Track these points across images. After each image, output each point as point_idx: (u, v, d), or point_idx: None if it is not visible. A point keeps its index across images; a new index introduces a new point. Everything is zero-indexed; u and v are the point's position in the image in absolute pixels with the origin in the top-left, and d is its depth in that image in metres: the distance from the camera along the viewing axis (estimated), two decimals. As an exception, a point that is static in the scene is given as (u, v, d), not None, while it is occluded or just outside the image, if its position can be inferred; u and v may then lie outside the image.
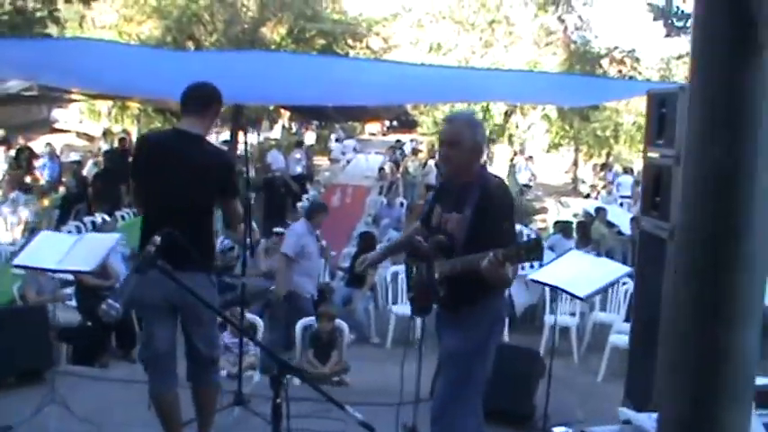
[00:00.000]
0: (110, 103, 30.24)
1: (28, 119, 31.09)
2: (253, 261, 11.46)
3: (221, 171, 5.28)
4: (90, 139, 33.41)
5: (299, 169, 24.58)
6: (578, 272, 6.20)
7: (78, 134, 35.54)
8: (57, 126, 35.54)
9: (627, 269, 6.67)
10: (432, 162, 27.21)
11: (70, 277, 9.26)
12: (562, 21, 25.77)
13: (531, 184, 27.68)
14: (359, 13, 29.94)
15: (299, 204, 19.79)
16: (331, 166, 33.51)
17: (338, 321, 8.84)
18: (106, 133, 29.50)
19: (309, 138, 37.80)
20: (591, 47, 25.52)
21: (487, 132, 29.59)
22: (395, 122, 49.96)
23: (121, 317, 3.34)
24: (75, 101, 29.54)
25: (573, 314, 11.13)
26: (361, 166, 29.65)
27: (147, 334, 5.40)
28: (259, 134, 32.59)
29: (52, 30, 24.05)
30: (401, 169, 26.50)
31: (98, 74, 11.11)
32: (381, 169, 25.71)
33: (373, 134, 50.08)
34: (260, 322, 8.71)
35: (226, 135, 24.11)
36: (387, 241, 15.18)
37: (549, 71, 22.30)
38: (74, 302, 9.78)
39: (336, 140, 40.20)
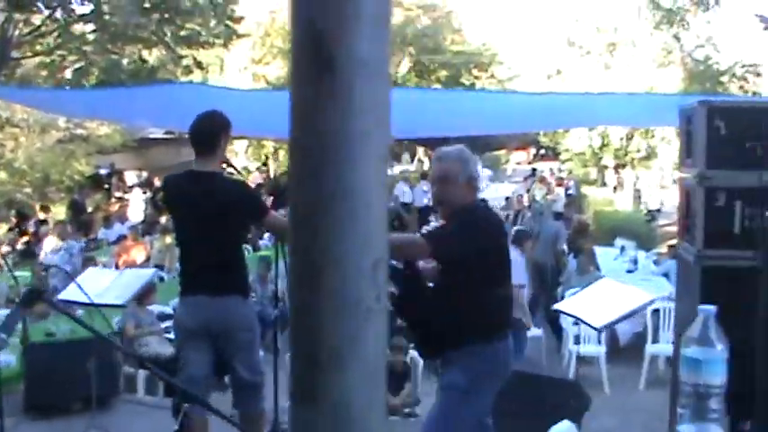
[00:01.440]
0: (245, 142, 31.47)
1: (172, 161, 32.43)
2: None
3: (241, 200, 5.33)
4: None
5: (425, 200, 24.63)
6: (603, 300, 6.04)
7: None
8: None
9: (650, 297, 6.44)
10: (558, 190, 26.93)
11: (168, 311, 9.63)
12: (678, 39, 25.03)
13: (661, 209, 26.86)
14: (482, 43, 30.09)
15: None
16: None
17: (413, 353, 8.82)
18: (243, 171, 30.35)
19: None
20: (712, 64, 24.67)
21: (610, 158, 29.20)
22: (542, 151, 49.58)
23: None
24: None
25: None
26: (489, 196, 29.43)
27: (183, 358, 5.43)
28: (392, 167, 33.06)
29: (197, 75, 25.35)
30: (529, 197, 26.24)
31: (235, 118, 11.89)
32: (508, 198, 25.52)
33: (519, 163, 49.82)
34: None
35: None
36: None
37: (666, 92, 21.70)
38: (171, 335, 10.14)
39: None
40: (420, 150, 38.60)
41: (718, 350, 2.30)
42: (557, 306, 6.70)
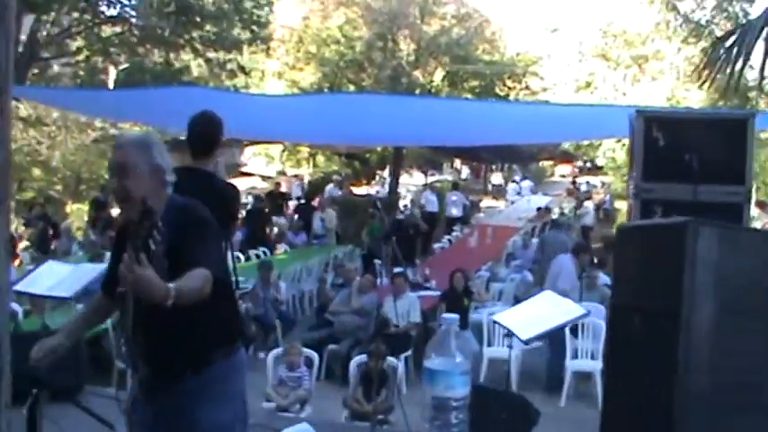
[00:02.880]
0: (280, 147, 31.90)
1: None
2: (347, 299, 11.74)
3: (235, 200, 5.56)
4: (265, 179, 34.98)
5: (454, 211, 24.55)
6: (538, 313, 6.02)
7: (263, 177, 37.23)
8: (243, 170, 37.41)
9: (581, 312, 6.36)
10: (588, 203, 26.73)
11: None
12: (706, 53, 24.56)
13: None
14: (515, 53, 30.08)
15: (436, 245, 19.97)
16: (502, 207, 33.45)
17: (391, 360, 8.62)
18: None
19: (496, 179, 38.23)
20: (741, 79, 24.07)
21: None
22: (587, 164, 49.22)
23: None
24: (250, 144, 31.35)
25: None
26: (521, 208, 29.39)
27: None
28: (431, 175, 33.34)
29: (240, 80, 25.71)
30: (557, 210, 26.13)
31: (267, 124, 12.23)
32: (539, 209, 25.42)
33: (563, 176, 49.49)
34: (315, 357, 8.71)
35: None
36: (510, 282, 15.08)
37: (691, 107, 21.44)
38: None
39: (513, 181, 40.20)
40: (457, 161, 38.70)
41: (457, 362, 2.29)
42: (497, 317, 6.65)
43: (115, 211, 19.92)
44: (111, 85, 22.76)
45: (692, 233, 2.65)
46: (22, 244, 16.41)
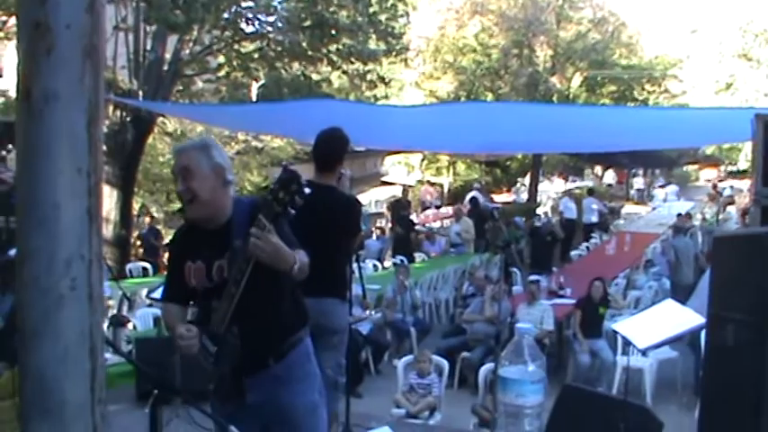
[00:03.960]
0: (419, 155, 32.15)
1: (361, 173, 33.38)
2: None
3: (344, 214, 5.66)
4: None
5: (593, 218, 24.27)
6: (657, 322, 5.94)
7: (404, 186, 37.57)
8: (385, 179, 37.85)
9: (699, 321, 6.21)
10: (731, 208, 25.86)
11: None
12: None
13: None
14: (654, 56, 29.43)
15: (573, 253, 19.77)
16: (643, 214, 32.73)
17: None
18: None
19: (638, 184, 37.72)
20: None
21: None
22: (733, 168, 47.65)
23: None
24: (390, 154, 31.72)
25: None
26: (662, 214, 28.60)
27: None
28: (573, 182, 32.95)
29: (380, 90, 26.15)
30: (699, 216, 25.35)
31: (405, 134, 12.56)
32: (680, 215, 24.77)
33: (708, 180, 48.02)
34: (445, 365, 8.78)
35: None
36: (648, 289, 14.80)
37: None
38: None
39: (659, 186, 39.42)
40: (598, 167, 38.10)
41: (530, 371, 2.36)
42: (616, 325, 6.60)
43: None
44: (253, 99, 23.53)
45: (779, 242, 2.64)
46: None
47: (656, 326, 5.81)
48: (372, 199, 32.07)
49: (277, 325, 3.76)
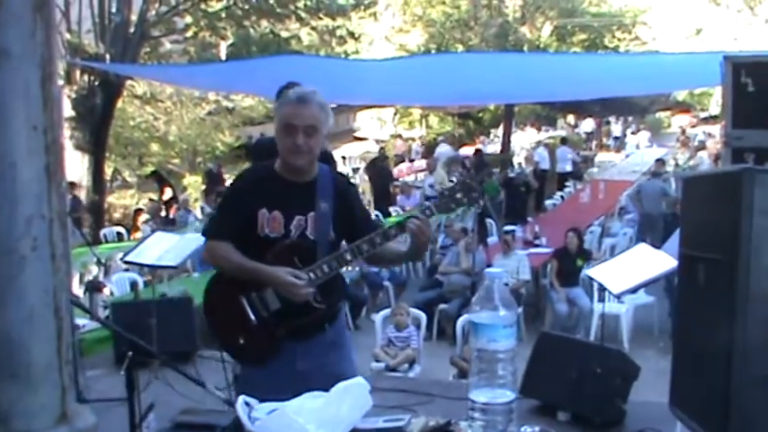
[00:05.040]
0: (392, 110, 32.05)
1: (334, 129, 33.31)
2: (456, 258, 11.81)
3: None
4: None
5: (567, 167, 24.38)
6: (630, 266, 5.94)
7: (377, 141, 37.45)
8: (357, 134, 37.75)
9: (673, 264, 6.22)
10: (702, 153, 25.99)
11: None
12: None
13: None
14: (624, 4, 29.42)
15: (548, 202, 19.85)
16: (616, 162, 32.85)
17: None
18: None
19: (616, 131, 38.00)
20: None
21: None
22: (705, 114, 47.86)
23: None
24: (362, 109, 31.62)
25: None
26: (636, 161, 28.71)
27: None
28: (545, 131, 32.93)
29: (350, 45, 25.99)
30: (672, 162, 25.44)
31: (377, 88, 12.45)
32: (658, 160, 24.89)
33: (681, 127, 48.24)
34: (423, 317, 8.74)
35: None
36: (623, 236, 14.90)
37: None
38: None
39: (632, 133, 39.60)
40: (570, 117, 38.14)
41: (501, 315, 2.36)
42: (589, 271, 6.63)
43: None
44: (223, 59, 23.33)
45: (749, 180, 2.63)
46: (143, 217, 17.02)
47: (629, 270, 5.82)
48: (346, 154, 31.95)
49: (338, 288, 3.77)
